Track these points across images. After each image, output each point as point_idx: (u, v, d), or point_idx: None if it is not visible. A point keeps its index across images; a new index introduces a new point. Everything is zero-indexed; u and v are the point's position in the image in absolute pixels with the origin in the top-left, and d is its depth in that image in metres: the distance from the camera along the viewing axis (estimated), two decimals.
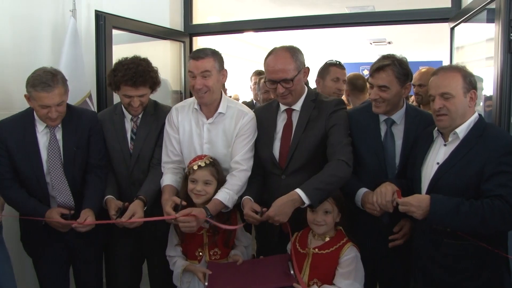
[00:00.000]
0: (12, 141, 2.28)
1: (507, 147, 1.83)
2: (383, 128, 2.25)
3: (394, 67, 2.13)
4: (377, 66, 2.16)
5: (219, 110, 2.33)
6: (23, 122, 2.33)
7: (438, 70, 2.00)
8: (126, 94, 2.39)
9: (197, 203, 2.19)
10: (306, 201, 1.97)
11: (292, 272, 2.00)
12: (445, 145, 1.98)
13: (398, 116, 2.23)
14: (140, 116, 2.50)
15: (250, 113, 2.37)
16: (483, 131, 1.89)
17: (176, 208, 2.14)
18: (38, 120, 2.33)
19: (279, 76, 2.18)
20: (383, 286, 2.36)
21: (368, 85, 2.29)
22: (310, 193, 1.98)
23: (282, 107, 2.33)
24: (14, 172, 2.32)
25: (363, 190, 2.16)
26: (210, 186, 2.19)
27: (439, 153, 1.99)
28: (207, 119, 2.34)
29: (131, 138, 2.49)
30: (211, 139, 2.34)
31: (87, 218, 2.24)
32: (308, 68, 2.29)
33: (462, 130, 1.92)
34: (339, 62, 3.26)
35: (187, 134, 2.37)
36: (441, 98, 1.91)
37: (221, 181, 2.23)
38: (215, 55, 2.29)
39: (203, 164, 2.17)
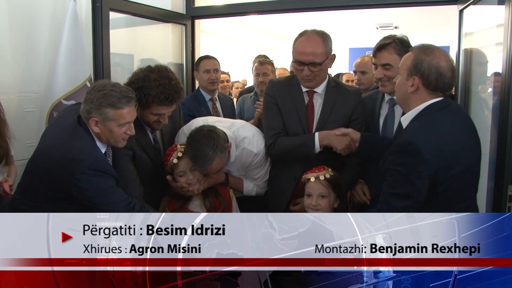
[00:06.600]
0: None
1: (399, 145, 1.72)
2: (386, 108, 2.31)
3: (395, 45, 2.18)
4: (378, 45, 2.22)
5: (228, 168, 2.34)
6: None
7: None
8: (157, 113, 2.12)
9: (196, 191, 2.16)
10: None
11: None
12: None
13: None
14: None
15: (259, 152, 2.31)
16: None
17: None
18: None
19: (309, 59, 2.18)
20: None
21: (373, 66, 2.32)
22: None
23: (304, 88, 2.32)
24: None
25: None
26: (196, 171, 2.14)
27: None
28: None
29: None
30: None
31: None
32: (334, 55, 2.27)
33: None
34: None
35: None
36: None
37: None
38: (222, 151, 2.08)
39: (181, 155, 2.13)
